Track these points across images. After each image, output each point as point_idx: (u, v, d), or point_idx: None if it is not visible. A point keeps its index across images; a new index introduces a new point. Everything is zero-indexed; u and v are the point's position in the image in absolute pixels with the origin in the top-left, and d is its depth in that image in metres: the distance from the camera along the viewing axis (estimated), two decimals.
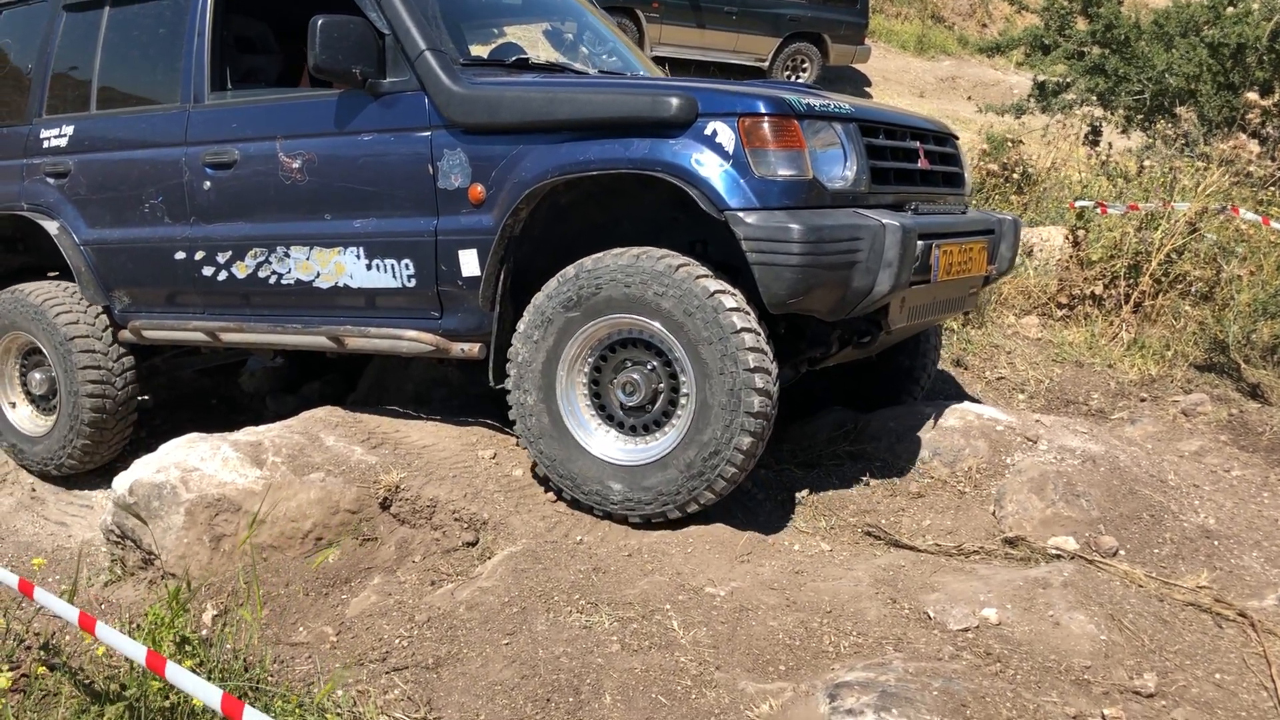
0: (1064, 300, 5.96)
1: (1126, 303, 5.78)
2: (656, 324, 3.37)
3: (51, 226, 4.80)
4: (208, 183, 4.31)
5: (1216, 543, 3.47)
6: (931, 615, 2.99)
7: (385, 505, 3.65)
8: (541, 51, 4.98)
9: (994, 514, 3.66)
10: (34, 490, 4.93)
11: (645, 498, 3.40)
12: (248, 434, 3.95)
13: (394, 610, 3.22)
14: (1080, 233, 6.08)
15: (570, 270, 3.53)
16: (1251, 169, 6.85)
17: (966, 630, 2.92)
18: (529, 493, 3.68)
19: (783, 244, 3.16)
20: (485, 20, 4.89)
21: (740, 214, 3.21)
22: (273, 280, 4.23)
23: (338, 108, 3.96)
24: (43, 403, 5.07)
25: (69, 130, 4.80)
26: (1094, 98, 10.36)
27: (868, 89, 17.18)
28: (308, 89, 4.16)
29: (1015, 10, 16.57)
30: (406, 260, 3.87)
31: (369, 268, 3.96)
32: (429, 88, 3.76)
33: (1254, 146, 7.22)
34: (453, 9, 4.29)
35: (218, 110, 4.34)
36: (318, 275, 4.11)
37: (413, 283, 3.89)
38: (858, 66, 16.77)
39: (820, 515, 3.76)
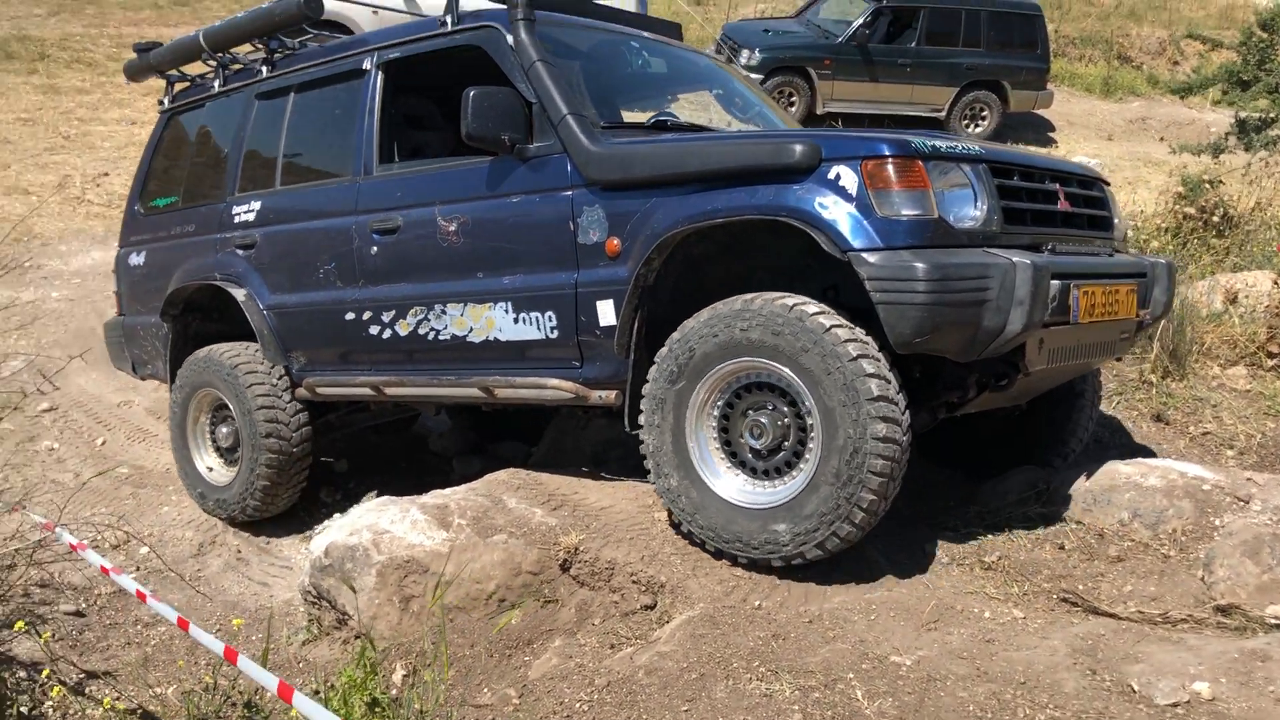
0: (1275, 349, 5.56)
1: None
2: (757, 358, 3.43)
3: (239, 294, 5.20)
4: (374, 248, 4.61)
5: None
6: (1136, 688, 2.80)
7: (565, 567, 3.69)
8: (714, 115, 5.06)
9: (1203, 579, 3.42)
10: (239, 552, 5.21)
11: (810, 525, 3.36)
12: (434, 497, 4.08)
13: (574, 673, 3.24)
14: None
15: (663, 349, 3.68)
16: None
17: (1176, 705, 2.72)
18: (705, 555, 3.65)
19: (907, 282, 3.17)
20: (634, 92, 5.06)
21: (864, 254, 3.24)
22: (431, 336, 4.47)
23: (489, 173, 4.21)
24: (228, 454, 5.51)
25: (256, 205, 5.22)
26: None
27: (1051, 134, 16.65)
28: (464, 157, 4.40)
29: (1208, 48, 15.81)
30: (550, 313, 4.05)
31: (516, 321, 4.16)
32: (569, 149, 3.96)
33: None
34: (598, 78, 4.51)
35: (384, 181, 4.64)
36: (471, 330, 4.32)
37: (555, 334, 4.05)
38: (1040, 112, 16.28)
39: (1012, 580, 3.59)
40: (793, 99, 14.81)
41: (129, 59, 6.30)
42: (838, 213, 3.30)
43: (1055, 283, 3.37)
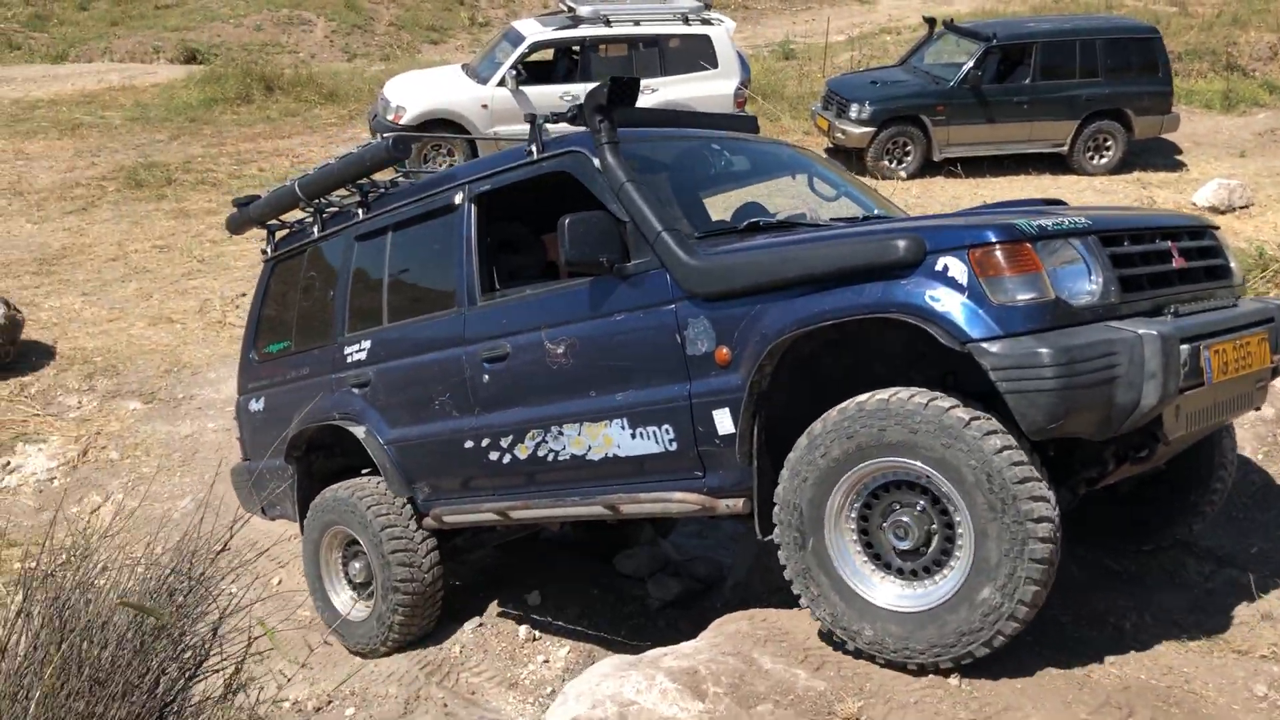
0: None
1: None
2: (895, 458, 3.36)
3: (359, 431, 5.27)
4: (486, 376, 4.67)
5: None
6: None
7: None
8: (802, 199, 5.03)
9: None
10: (446, 706, 4.94)
11: (974, 624, 3.25)
12: (677, 658, 3.74)
13: None
14: None
15: (783, 478, 3.63)
16: None
17: None
18: (1005, 719, 3.24)
19: (1033, 369, 3.10)
20: (720, 188, 5.06)
21: (984, 344, 3.18)
22: (551, 458, 4.49)
23: (590, 294, 4.25)
24: (362, 589, 5.58)
25: (366, 344, 5.31)
26: None
27: (1179, 157, 15.97)
28: (565, 280, 4.50)
29: None
30: (666, 425, 4.04)
31: (634, 436, 4.16)
32: (668, 265, 3.98)
33: None
34: (685, 186, 4.63)
35: (488, 310, 4.73)
36: (589, 449, 4.33)
37: (674, 446, 4.04)
38: (1167, 137, 15.62)
39: None
40: (908, 149, 14.45)
41: (230, 213, 6.46)
42: (951, 304, 3.25)
43: (1184, 347, 3.28)
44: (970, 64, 14.33)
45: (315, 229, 5.83)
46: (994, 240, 3.26)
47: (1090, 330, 3.23)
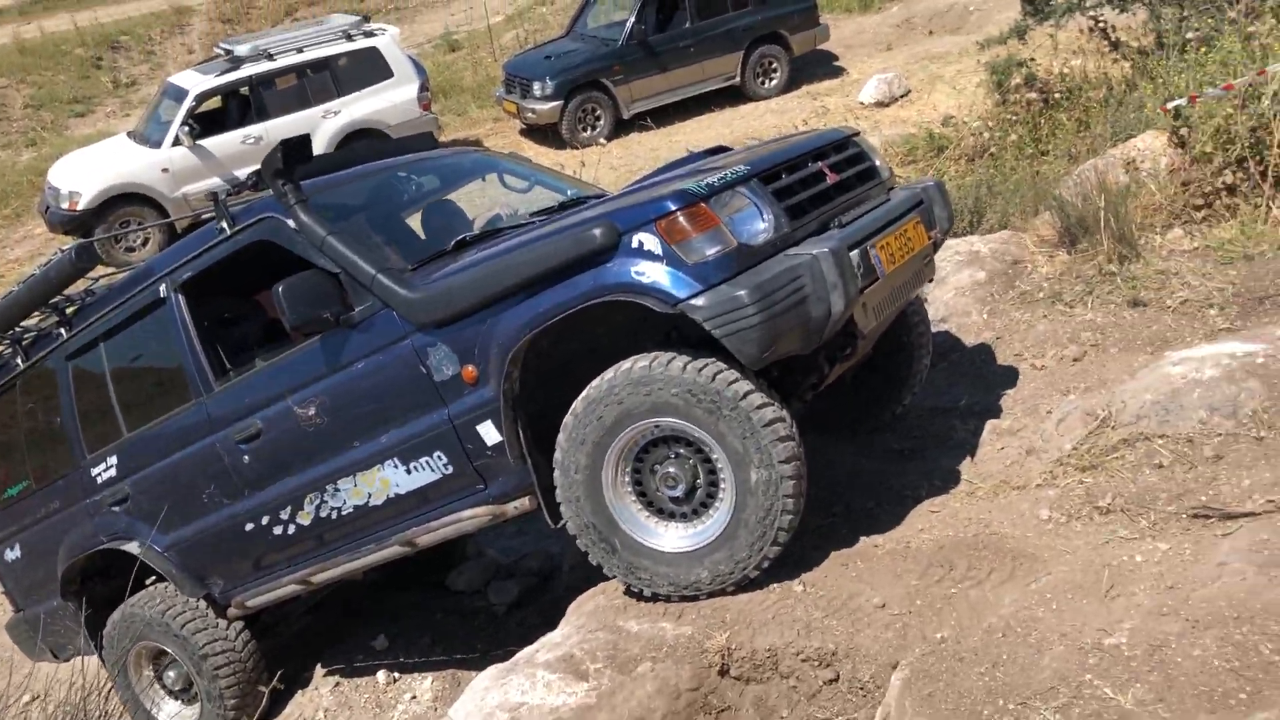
0: (1198, 202, 5.83)
1: (1264, 180, 5.65)
2: (649, 419, 3.64)
3: (132, 548, 5.13)
4: (246, 456, 4.64)
5: None
6: None
7: (724, 671, 3.57)
8: (494, 192, 5.30)
9: None
10: None
11: (749, 544, 3.62)
12: (550, 650, 3.88)
13: None
14: (1184, 132, 5.96)
15: (556, 473, 3.86)
16: None
17: None
18: (852, 606, 3.59)
19: (737, 311, 3.44)
20: (417, 209, 5.19)
21: (691, 302, 3.50)
22: (334, 516, 4.54)
23: (324, 351, 4.31)
24: (183, 695, 5.51)
25: (114, 460, 5.16)
26: None
27: (838, 64, 17.16)
28: (297, 343, 4.48)
29: None
30: (438, 452, 4.17)
31: (409, 472, 4.27)
32: (391, 304, 4.10)
33: None
34: (385, 220, 4.75)
35: (227, 392, 4.69)
36: (369, 496, 4.42)
37: (450, 469, 4.18)
38: (822, 47, 16.76)
39: (1135, 516, 3.65)
40: (598, 114, 14.86)
41: None
42: (655, 274, 3.53)
43: (854, 253, 3.69)
44: (631, 19, 14.89)
45: (19, 360, 5.56)
46: (674, 208, 3.56)
47: (773, 263, 3.59)
